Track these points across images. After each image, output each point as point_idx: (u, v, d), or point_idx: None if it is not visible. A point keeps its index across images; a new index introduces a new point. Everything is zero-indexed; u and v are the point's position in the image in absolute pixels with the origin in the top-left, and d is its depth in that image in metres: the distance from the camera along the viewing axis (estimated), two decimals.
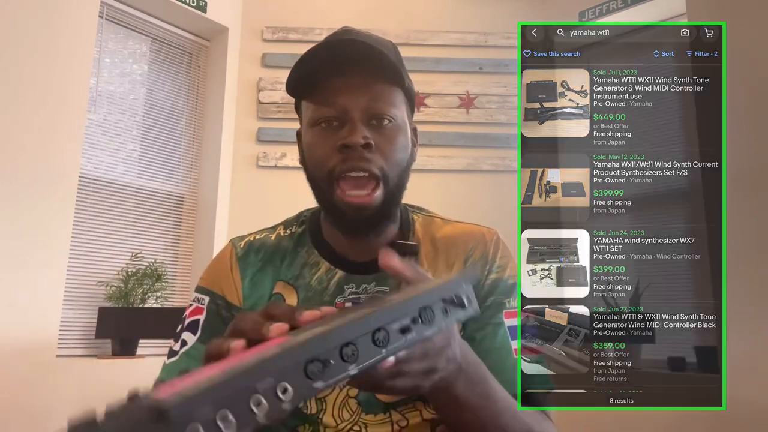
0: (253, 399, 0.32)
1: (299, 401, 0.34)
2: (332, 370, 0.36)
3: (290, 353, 0.35)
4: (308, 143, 0.75)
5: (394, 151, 0.73)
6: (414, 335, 0.40)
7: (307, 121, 0.75)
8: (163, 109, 2.96)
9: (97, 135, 2.67)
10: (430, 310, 0.42)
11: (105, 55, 2.73)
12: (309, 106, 0.75)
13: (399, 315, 0.40)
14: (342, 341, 0.37)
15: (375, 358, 0.38)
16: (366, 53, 0.72)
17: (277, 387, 0.33)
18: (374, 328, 0.38)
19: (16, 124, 2.23)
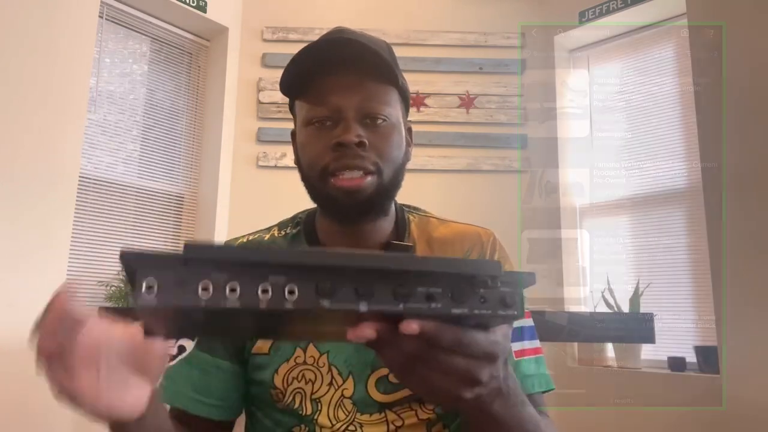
0: (262, 285, 0.34)
1: (300, 309, 0.34)
2: (341, 296, 0.35)
3: (309, 263, 0.35)
4: (302, 143, 0.76)
5: (388, 149, 0.74)
6: (439, 306, 0.38)
7: (301, 121, 0.76)
8: (163, 109, 2.96)
9: (97, 135, 2.67)
10: (465, 289, 0.39)
11: (105, 55, 2.73)
12: (303, 106, 0.76)
13: (430, 280, 0.38)
14: (362, 281, 0.36)
15: (388, 307, 0.37)
16: (359, 52, 0.72)
17: (286, 285, 0.35)
18: (399, 282, 0.37)
19: (16, 124, 2.22)
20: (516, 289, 0.40)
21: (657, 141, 2.81)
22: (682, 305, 2.62)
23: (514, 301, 0.40)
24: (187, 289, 0.33)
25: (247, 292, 0.34)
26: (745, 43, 2.40)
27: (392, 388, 0.72)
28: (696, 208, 2.57)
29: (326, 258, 0.36)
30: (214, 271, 0.33)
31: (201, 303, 0.33)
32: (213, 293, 0.33)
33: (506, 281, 0.39)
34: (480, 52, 3.11)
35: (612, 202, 2.92)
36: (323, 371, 0.72)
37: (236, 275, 0.34)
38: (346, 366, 0.72)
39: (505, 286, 0.39)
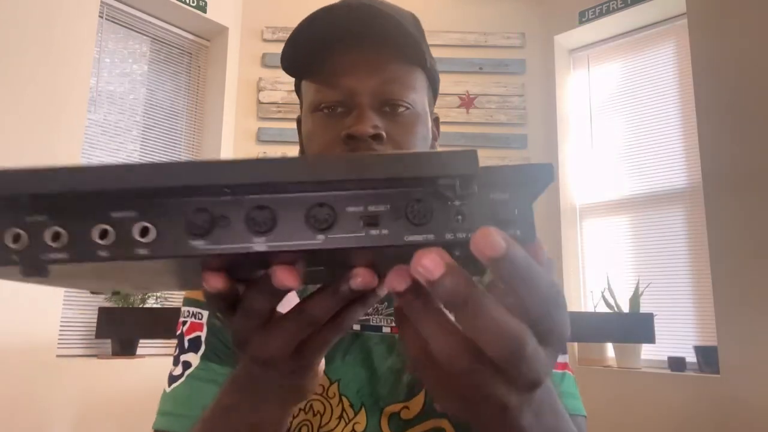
0: (97, 227, 0.25)
1: (166, 254, 0.25)
2: (228, 233, 0.25)
3: (169, 184, 0.24)
4: (308, 131, 0.64)
5: (410, 143, 0.61)
6: (385, 234, 0.25)
7: (307, 106, 0.64)
8: (163, 109, 2.96)
9: (97, 135, 2.67)
10: (426, 201, 0.25)
11: (105, 55, 2.73)
12: (310, 87, 0.64)
13: (370, 194, 0.25)
14: (256, 202, 0.25)
15: (300, 242, 0.25)
16: (379, 23, 0.59)
17: (136, 223, 0.25)
18: (315, 201, 0.25)
19: (16, 124, 2.23)
20: (515, 194, 0.26)
21: (657, 141, 2.81)
22: (682, 305, 2.62)
23: (513, 214, 0.26)
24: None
25: (78, 236, 0.24)
26: (744, 43, 2.40)
27: (404, 425, 0.62)
28: (696, 208, 2.57)
29: (195, 172, 0.24)
30: (24, 212, 0.24)
31: (11, 258, 0.24)
32: (26, 242, 0.24)
33: (496, 182, 0.26)
34: (480, 52, 3.12)
35: (612, 202, 2.92)
36: (333, 402, 0.62)
37: (59, 215, 0.24)
38: (358, 397, 0.62)
39: (495, 191, 0.26)
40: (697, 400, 2.32)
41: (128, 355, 2.48)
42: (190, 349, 0.63)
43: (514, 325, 0.25)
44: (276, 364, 0.33)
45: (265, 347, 0.32)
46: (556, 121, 3.05)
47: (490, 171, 0.26)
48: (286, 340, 0.32)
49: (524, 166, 0.25)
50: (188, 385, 0.60)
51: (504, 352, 0.25)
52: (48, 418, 2.19)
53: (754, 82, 2.35)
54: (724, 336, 2.29)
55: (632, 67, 2.97)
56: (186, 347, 0.63)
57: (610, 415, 2.55)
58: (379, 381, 0.62)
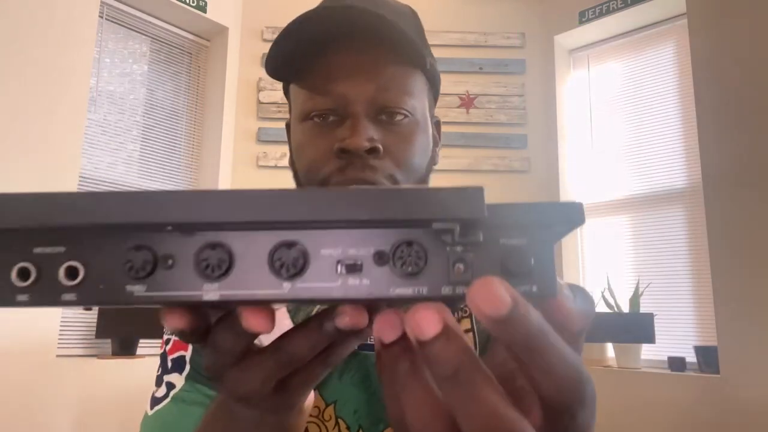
0: (18, 267, 0.21)
1: (97, 301, 0.21)
2: (175, 276, 0.21)
3: (108, 221, 0.20)
4: (298, 142, 0.59)
5: (409, 155, 0.56)
6: (366, 284, 0.21)
7: (296, 113, 0.59)
8: (163, 109, 2.96)
9: (97, 135, 2.67)
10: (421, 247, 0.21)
11: (105, 55, 2.73)
12: (299, 93, 0.59)
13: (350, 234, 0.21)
14: (208, 240, 0.21)
15: (261, 291, 0.21)
16: (374, 23, 0.54)
17: (66, 262, 0.21)
18: (283, 240, 0.21)
19: (16, 124, 2.23)
20: (532, 239, 0.21)
21: (657, 141, 2.81)
22: (682, 305, 2.62)
23: (527, 264, 0.21)
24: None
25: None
26: (744, 43, 2.40)
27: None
28: (696, 208, 2.57)
29: (134, 206, 0.20)
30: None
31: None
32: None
33: (508, 225, 0.21)
34: (480, 52, 3.12)
35: (612, 202, 2.92)
36: (329, 425, 0.58)
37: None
38: (355, 419, 0.58)
39: (506, 234, 0.21)
40: (697, 400, 2.32)
41: (128, 355, 2.48)
42: (173, 369, 0.58)
43: (509, 417, 0.20)
44: (254, 402, 0.29)
45: (240, 384, 0.28)
46: (556, 121, 3.05)
47: (502, 210, 0.21)
48: (263, 378, 0.28)
49: (546, 204, 0.21)
50: (173, 407, 0.55)
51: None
52: (48, 418, 2.19)
53: (754, 82, 2.35)
54: (724, 336, 2.29)
55: (632, 67, 2.97)
56: (169, 367, 0.58)
57: (610, 415, 2.55)
58: (378, 403, 0.58)
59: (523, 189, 2.98)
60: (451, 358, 0.20)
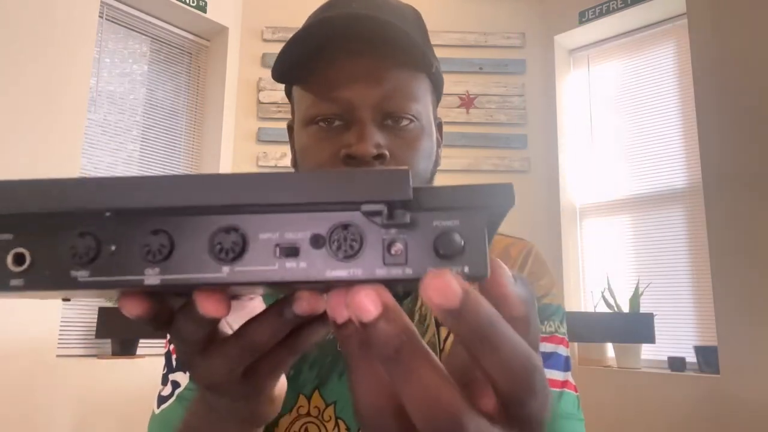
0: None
1: (40, 288, 0.21)
2: (118, 260, 0.21)
3: (43, 205, 0.20)
4: (302, 146, 0.59)
5: (414, 160, 0.57)
6: (303, 267, 0.21)
7: (301, 117, 0.60)
8: (163, 109, 2.96)
9: (97, 135, 2.67)
10: (353, 228, 0.21)
11: (105, 55, 2.73)
12: (304, 97, 0.59)
13: (288, 218, 0.21)
14: (150, 226, 0.21)
15: (200, 275, 0.21)
16: (380, 28, 0.55)
17: (10, 249, 0.21)
18: (222, 225, 0.21)
19: (16, 124, 2.23)
20: (464, 220, 0.21)
21: (657, 141, 2.81)
22: (682, 305, 2.62)
23: (459, 245, 0.21)
24: None
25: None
26: (744, 43, 2.40)
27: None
28: (696, 208, 2.57)
29: (77, 192, 0.20)
30: None
31: None
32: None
33: (439, 206, 0.21)
34: (480, 52, 3.12)
35: (612, 202, 2.92)
36: (329, 426, 0.58)
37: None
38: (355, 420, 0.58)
39: (438, 217, 0.21)
40: (697, 400, 2.32)
41: (128, 355, 2.48)
42: (178, 368, 0.59)
43: (450, 400, 0.20)
44: (222, 389, 0.29)
45: (206, 372, 0.28)
46: (556, 121, 3.05)
47: (432, 192, 0.21)
48: (228, 365, 0.28)
49: (475, 186, 0.22)
50: (178, 406, 0.56)
51: (431, 428, 0.20)
52: (48, 418, 2.19)
53: (754, 82, 2.35)
54: (724, 336, 2.29)
55: (632, 67, 2.97)
56: (174, 366, 0.59)
57: (610, 415, 2.55)
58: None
59: (523, 189, 2.98)
60: (392, 339, 0.20)
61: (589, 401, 2.81)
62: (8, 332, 2.10)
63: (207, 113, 3.06)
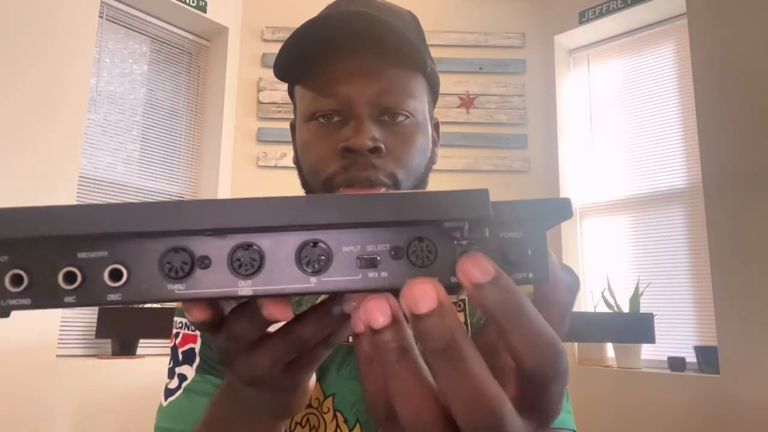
0: (65, 271, 0.22)
1: (140, 300, 0.23)
2: (211, 274, 0.23)
3: (144, 225, 0.22)
4: (303, 142, 0.62)
5: (410, 155, 0.59)
6: (384, 276, 0.23)
7: (302, 114, 0.62)
8: (163, 109, 2.96)
9: (97, 135, 2.67)
10: (430, 242, 0.23)
11: (105, 55, 2.73)
12: (304, 95, 0.62)
13: (368, 232, 0.23)
14: (239, 242, 0.23)
15: (290, 286, 0.23)
16: (377, 28, 0.57)
17: (109, 266, 0.22)
18: (309, 239, 0.23)
19: (16, 123, 2.23)
20: (528, 232, 0.24)
21: (657, 141, 2.81)
22: (682, 305, 2.62)
23: (525, 254, 0.23)
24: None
25: (41, 281, 0.22)
26: (745, 43, 2.40)
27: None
28: (696, 208, 2.57)
29: (173, 214, 0.22)
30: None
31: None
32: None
33: (507, 220, 0.23)
34: (480, 52, 3.12)
35: (612, 202, 2.92)
36: (327, 418, 0.60)
37: (21, 255, 0.22)
38: (353, 413, 0.60)
39: (505, 229, 0.23)
40: (697, 400, 2.32)
41: (128, 355, 2.48)
42: (184, 361, 0.61)
43: (492, 391, 0.21)
44: (263, 383, 0.31)
45: (250, 368, 0.30)
46: (556, 121, 3.05)
47: (502, 207, 0.23)
48: (273, 361, 0.30)
49: (539, 201, 0.23)
50: (185, 398, 0.58)
51: (477, 425, 0.21)
52: (48, 418, 2.19)
53: (754, 82, 2.35)
54: (724, 336, 2.29)
55: (632, 67, 2.97)
56: (180, 359, 0.61)
57: (610, 415, 2.55)
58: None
59: (523, 189, 2.98)
60: (444, 334, 0.21)
61: (589, 401, 2.82)
62: (8, 332, 2.10)
63: (207, 113, 3.06)
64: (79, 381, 2.29)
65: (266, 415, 0.37)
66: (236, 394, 0.37)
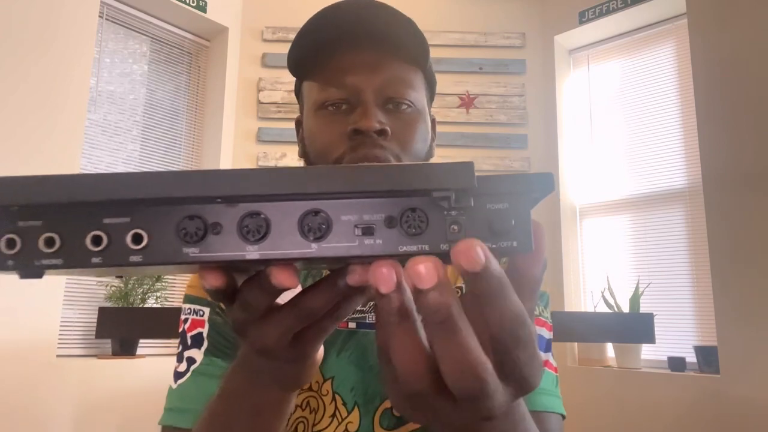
0: (90, 234, 0.25)
1: (159, 261, 0.25)
2: (221, 240, 0.25)
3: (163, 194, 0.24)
4: (312, 129, 0.65)
5: (413, 139, 0.63)
6: (378, 243, 0.25)
7: (311, 105, 0.66)
8: (163, 109, 2.96)
9: (97, 135, 2.67)
10: (421, 212, 0.25)
11: (105, 55, 2.73)
12: (313, 87, 0.66)
13: (365, 203, 0.25)
14: (249, 209, 0.25)
15: (293, 251, 0.25)
16: (381, 25, 0.63)
17: (131, 230, 0.25)
18: (309, 208, 0.25)
19: (16, 124, 2.23)
20: (513, 204, 0.25)
21: (657, 141, 2.81)
22: (682, 305, 2.62)
23: (509, 224, 0.25)
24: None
25: (71, 243, 0.25)
26: (744, 43, 2.40)
27: (396, 422, 0.62)
28: (696, 208, 2.57)
29: (188, 184, 0.24)
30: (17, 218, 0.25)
31: (6, 264, 0.25)
32: (22, 248, 0.24)
33: (494, 192, 0.25)
34: (480, 52, 3.12)
35: (612, 202, 2.92)
36: (326, 400, 0.62)
37: (53, 221, 0.25)
38: (351, 396, 0.62)
39: (492, 201, 0.25)
40: (697, 400, 2.32)
41: (128, 355, 2.48)
42: (192, 345, 0.64)
43: (478, 357, 0.25)
44: (274, 353, 0.33)
45: (262, 338, 0.32)
46: (556, 121, 3.05)
47: (488, 181, 0.25)
48: (282, 331, 0.32)
49: (523, 175, 0.25)
50: (193, 380, 0.61)
51: (461, 384, 0.25)
52: (48, 418, 2.19)
53: (754, 81, 2.35)
54: (724, 336, 2.29)
55: (632, 67, 2.96)
56: (189, 344, 0.64)
57: (610, 415, 2.55)
58: (374, 379, 0.62)
59: None
60: (442, 307, 0.24)
61: (589, 401, 2.82)
62: (8, 332, 2.10)
63: (207, 113, 3.07)
64: (79, 381, 2.29)
65: (276, 386, 0.40)
66: (249, 365, 0.40)
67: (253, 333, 0.32)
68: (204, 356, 0.63)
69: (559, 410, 0.62)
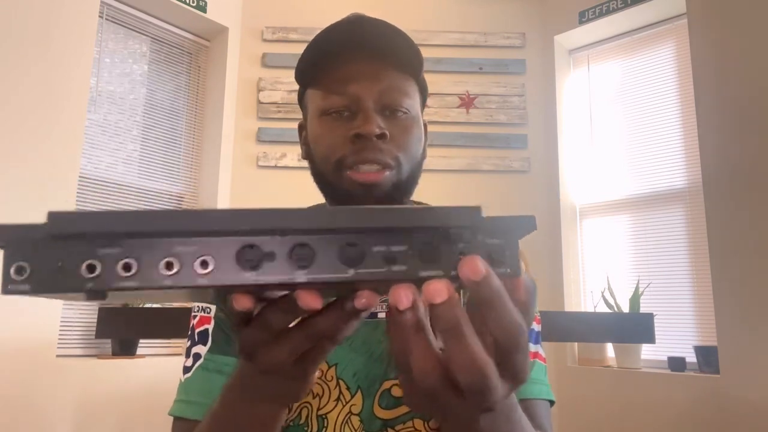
0: (165, 260, 0.28)
1: (220, 285, 0.29)
2: (274, 266, 0.29)
3: (226, 228, 0.29)
4: (316, 134, 0.71)
5: (408, 142, 0.70)
6: (403, 270, 0.30)
7: (314, 111, 0.72)
8: (163, 109, 2.96)
9: (97, 135, 2.67)
10: (437, 245, 0.31)
11: (105, 55, 2.73)
12: (317, 95, 0.72)
13: (392, 237, 0.30)
14: (298, 240, 0.30)
15: (334, 275, 0.30)
16: (379, 39, 0.69)
17: (198, 258, 0.29)
18: (347, 241, 0.30)
19: (16, 124, 2.23)
20: (506, 240, 0.31)
21: (657, 141, 2.81)
22: (682, 305, 2.62)
23: (504, 255, 0.31)
24: (67, 271, 0.28)
25: (146, 268, 0.28)
26: (744, 43, 2.40)
27: (394, 402, 0.66)
28: (696, 208, 2.57)
29: (249, 219, 0.29)
30: (97, 246, 0.28)
31: (85, 287, 0.28)
32: (101, 273, 0.28)
33: (492, 230, 0.31)
34: (480, 52, 3.12)
35: (612, 202, 2.92)
36: (331, 386, 0.67)
37: (130, 248, 0.28)
38: (354, 380, 0.67)
39: (490, 237, 0.31)
40: (697, 400, 2.32)
41: (128, 355, 2.48)
42: (199, 341, 0.70)
43: (483, 358, 0.30)
44: (279, 371, 0.37)
45: (270, 357, 0.36)
46: (556, 121, 3.05)
47: (488, 221, 0.31)
48: (290, 351, 0.36)
49: (513, 217, 0.31)
50: (198, 375, 0.67)
51: (469, 380, 0.30)
52: (48, 418, 2.19)
53: (754, 81, 2.35)
54: (724, 336, 2.29)
55: (632, 67, 2.97)
56: (196, 340, 0.70)
57: (610, 415, 2.55)
58: (375, 364, 0.67)
59: (523, 189, 2.98)
60: (452, 318, 0.30)
61: (589, 401, 2.82)
62: (8, 332, 2.10)
63: (207, 113, 3.07)
64: (79, 381, 2.29)
65: (273, 401, 0.44)
66: (248, 381, 0.43)
67: (262, 353, 0.36)
68: (208, 352, 0.68)
69: (548, 396, 0.68)
